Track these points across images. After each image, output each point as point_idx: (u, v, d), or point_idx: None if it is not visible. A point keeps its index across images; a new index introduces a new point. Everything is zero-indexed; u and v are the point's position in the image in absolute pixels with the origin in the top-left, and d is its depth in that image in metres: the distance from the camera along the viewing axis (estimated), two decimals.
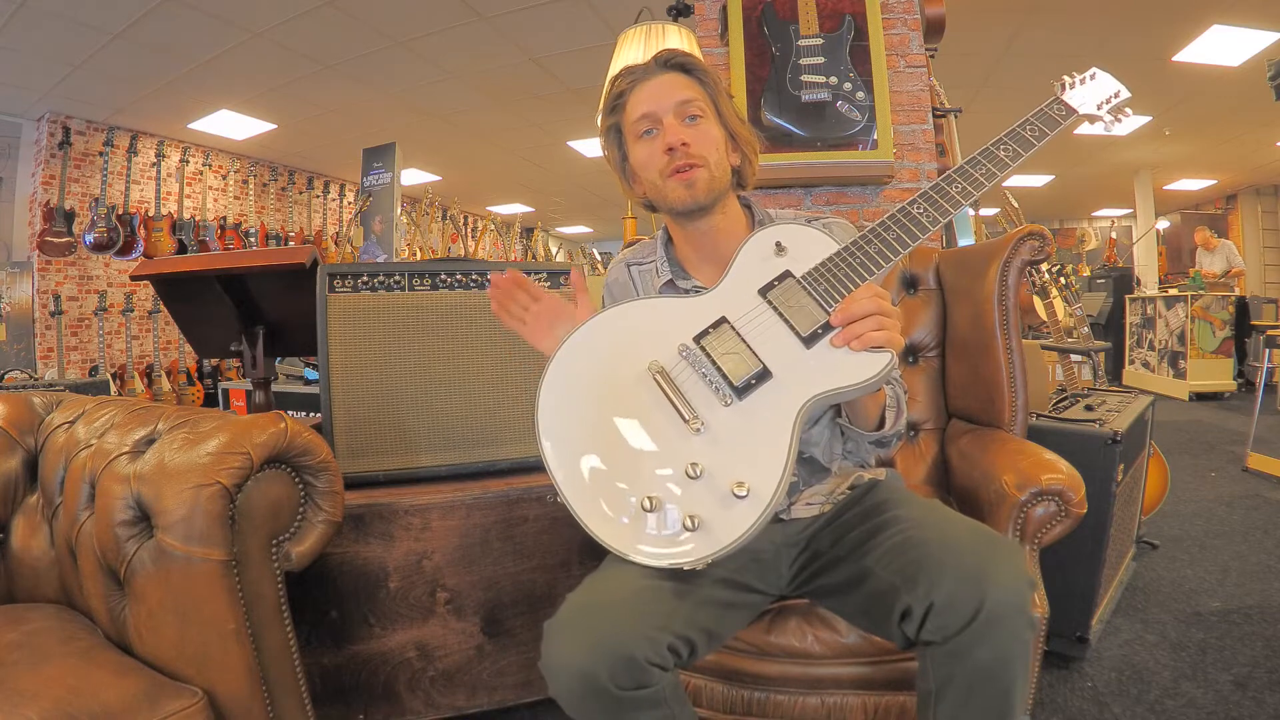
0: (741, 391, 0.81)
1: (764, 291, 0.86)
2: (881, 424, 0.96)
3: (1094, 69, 1.00)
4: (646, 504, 0.77)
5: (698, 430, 0.79)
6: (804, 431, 0.82)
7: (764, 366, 0.82)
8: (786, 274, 0.87)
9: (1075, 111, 0.97)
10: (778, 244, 0.89)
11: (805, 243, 0.89)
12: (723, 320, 0.86)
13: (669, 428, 0.81)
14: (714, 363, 0.83)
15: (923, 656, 0.80)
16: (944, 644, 0.76)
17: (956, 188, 0.87)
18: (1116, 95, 0.99)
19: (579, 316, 0.96)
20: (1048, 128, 0.93)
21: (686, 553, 0.75)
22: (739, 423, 0.80)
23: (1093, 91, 0.98)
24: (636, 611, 0.81)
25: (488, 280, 1.50)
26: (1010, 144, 0.91)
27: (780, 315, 0.84)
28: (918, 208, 0.87)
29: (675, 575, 0.86)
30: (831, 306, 0.84)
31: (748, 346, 0.83)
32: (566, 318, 0.98)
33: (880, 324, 0.80)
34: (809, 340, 0.82)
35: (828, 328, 0.82)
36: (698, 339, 0.85)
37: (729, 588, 0.95)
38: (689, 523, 0.75)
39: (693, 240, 1.05)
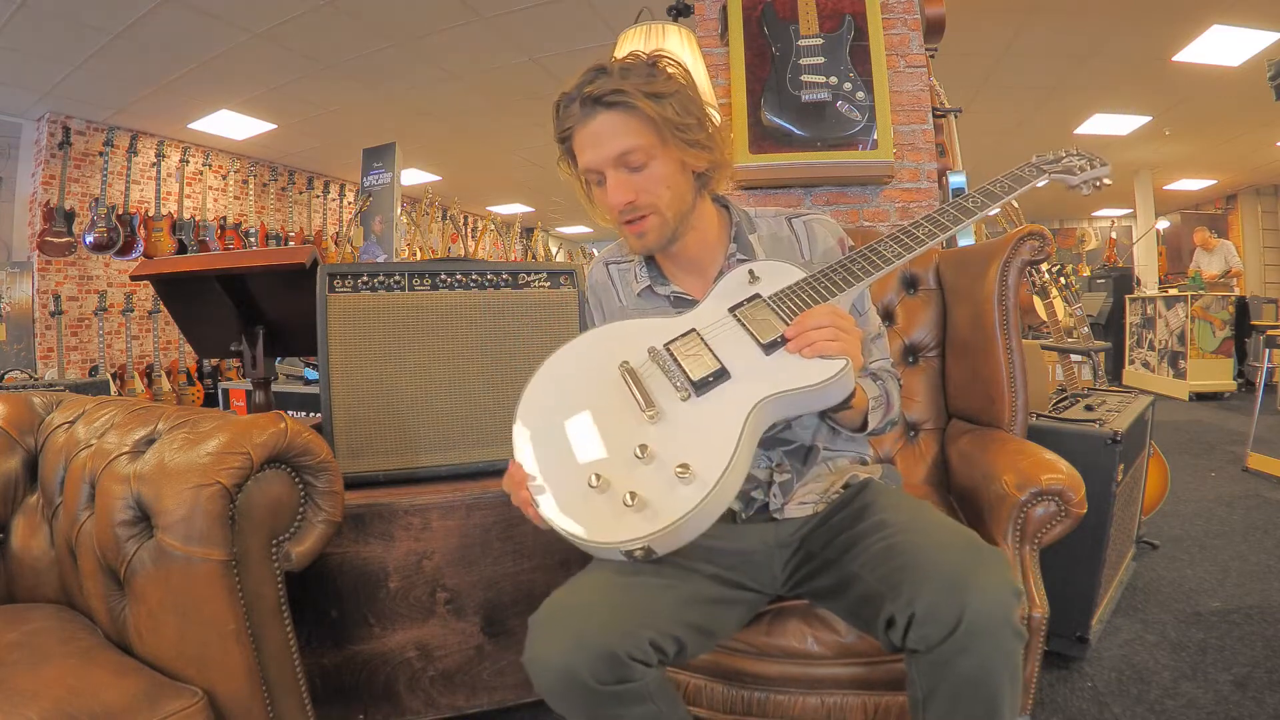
0: (699, 387, 0.86)
1: (733, 309, 0.94)
2: (864, 425, 1.00)
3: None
4: (593, 480, 0.80)
5: (652, 419, 0.84)
6: (760, 433, 0.86)
7: (723, 367, 0.87)
8: (756, 296, 0.95)
9: (1046, 175, 1.08)
10: (751, 272, 0.97)
11: (778, 274, 0.96)
12: (692, 330, 0.93)
13: (628, 416, 0.86)
14: (678, 363, 0.89)
15: (910, 664, 0.80)
16: (928, 653, 0.76)
17: (924, 230, 0.97)
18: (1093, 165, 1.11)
19: None
20: (1017, 185, 1.04)
21: (630, 530, 0.77)
22: (693, 415, 0.85)
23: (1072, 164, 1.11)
24: (617, 607, 0.82)
25: (488, 280, 1.50)
26: (979, 197, 1.01)
27: (744, 327, 0.91)
28: (885, 246, 0.95)
29: (658, 572, 0.89)
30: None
31: (710, 351, 0.90)
32: None
33: (835, 335, 0.84)
34: (768, 348, 0.88)
35: (786, 338, 0.88)
36: (667, 345, 0.92)
37: (719, 584, 0.96)
38: (628, 499, 0.77)
39: (668, 253, 1.05)
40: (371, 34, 4.31)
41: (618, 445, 0.83)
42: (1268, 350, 3.77)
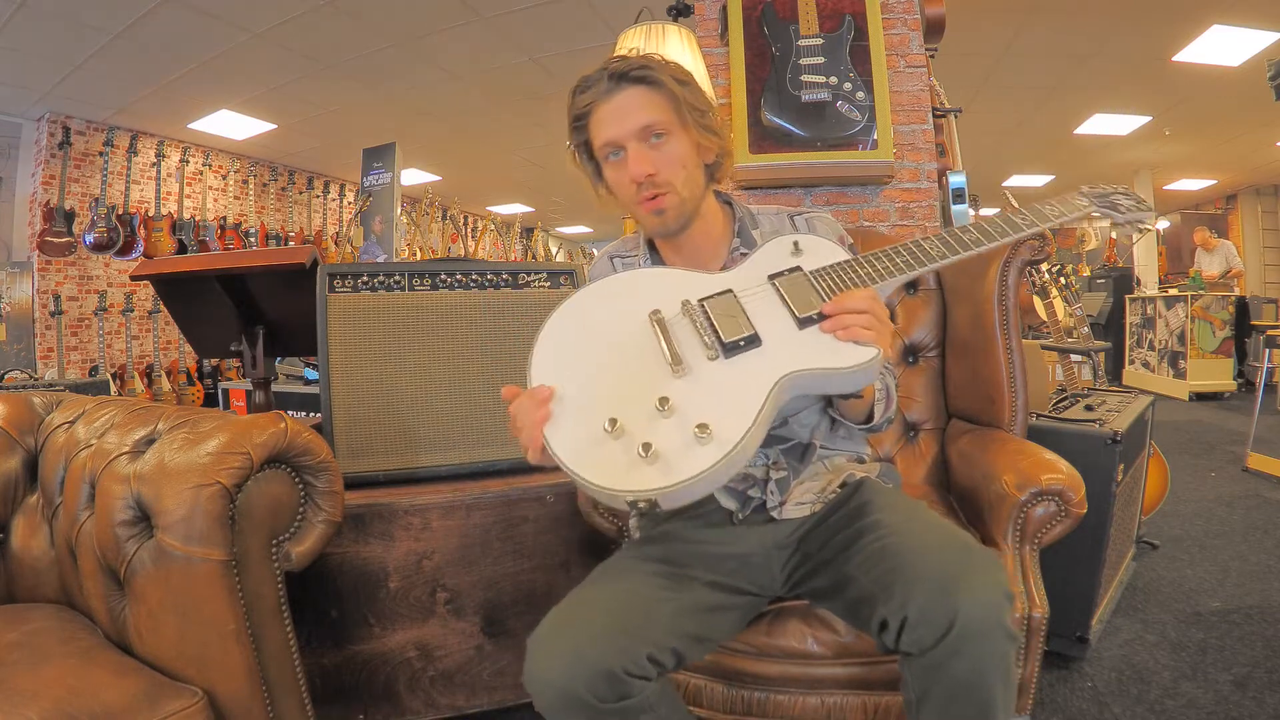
0: (729, 349, 0.84)
1: (773, 277, 0.92)
2: (870, 417, 1.00)
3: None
4: (608, 425, 0.78)
5: (677, 373, 0.83)
6: (780, 407, 0.83)
7: (755, 333, 0.86)
8: (797, 268, 0.93)
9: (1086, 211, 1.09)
10: (795, 244, 0.96)
11: (822, 250, 0.95)
12: (729, 291, 0.91)
13: (654, 367, 0.84)
14: (710, 321, 0.87)
15: (903, 666, 0.80)
16: (920, 656, 0.76)
17: (970, 236, 0.96)
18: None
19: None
20: (1067, 211, 1.05)
21: (641, 482, 0.74)
22: (719, 376, 0.83)
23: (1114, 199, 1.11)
24: (613, 624, 0.81)
25: (488, 280, 1.50)
26: (1029, 215, 1.00)
27: (782, 297, 0.89)
28: (930, 244, 0.95)
29: (655, 583, 0.89)
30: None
31: (745, 315, 0.88)
32: None
33: (870, 323, 0.83)
34: (803, 322, 0.86)
35: (823, 316, 0.87)
36: (702, 300, 0.90)
37: (717, 591, 0.95)
38: (641, 450, 0.75)
39: (674, 245, 1.06)
40: (371, 34, 4.31)
41: (638, 394, 0.81)
42: (1268, 350, 3.77)
